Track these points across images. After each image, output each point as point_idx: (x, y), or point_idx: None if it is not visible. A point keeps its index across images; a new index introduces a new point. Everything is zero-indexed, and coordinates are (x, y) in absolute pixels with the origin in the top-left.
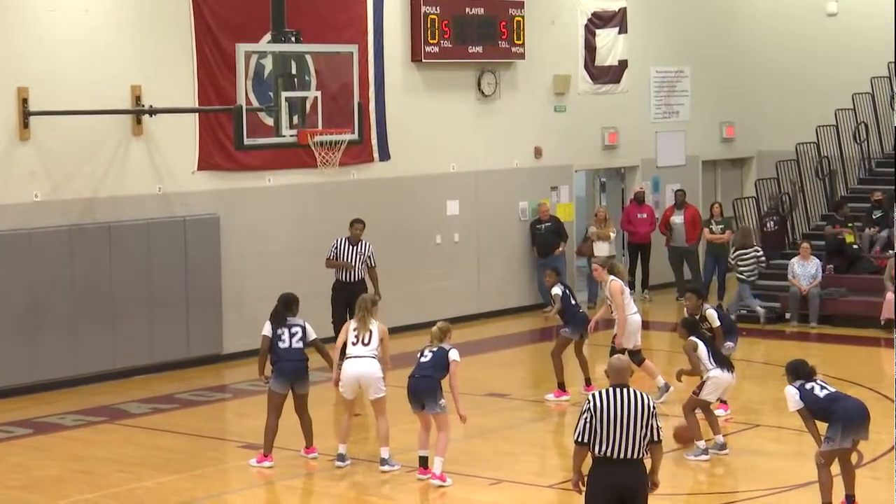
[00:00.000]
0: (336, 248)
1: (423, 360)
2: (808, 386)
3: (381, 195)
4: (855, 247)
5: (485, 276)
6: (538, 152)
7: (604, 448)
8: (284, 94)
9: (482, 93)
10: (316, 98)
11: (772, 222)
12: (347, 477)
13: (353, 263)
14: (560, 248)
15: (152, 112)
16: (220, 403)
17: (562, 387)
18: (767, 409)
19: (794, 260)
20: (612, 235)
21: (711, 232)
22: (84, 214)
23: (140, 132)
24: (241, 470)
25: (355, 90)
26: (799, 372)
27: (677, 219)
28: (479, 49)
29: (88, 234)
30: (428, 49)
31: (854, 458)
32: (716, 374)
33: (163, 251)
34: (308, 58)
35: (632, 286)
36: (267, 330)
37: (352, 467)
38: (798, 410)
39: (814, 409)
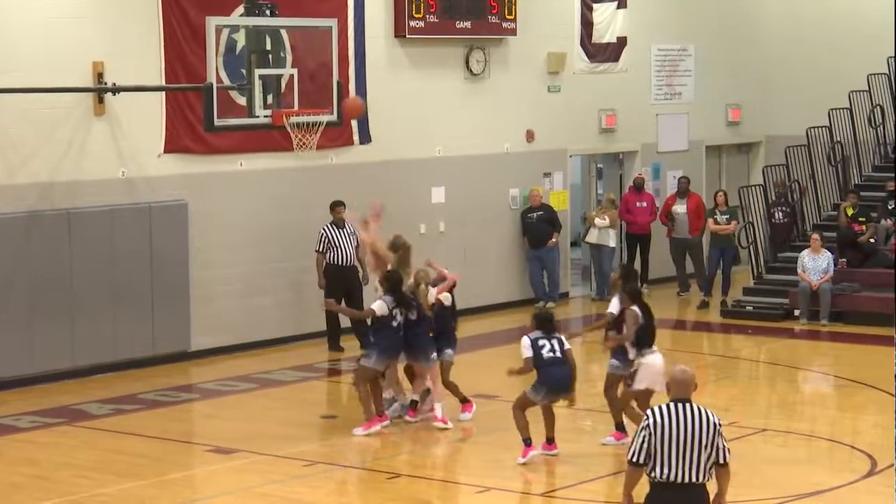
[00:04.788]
0: (325, 236)
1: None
2: (540, 343)
3: (362, 181)
4: (861, 225)
5: (472, 268)
6: (530, 136)
7: (665, 471)
8: (258, 72)
9: (470, 71)
10: (292, 76)
11: (780, 212)
12: (326, 483)
13: (345, 248)
14: (553, 239)
15: (115, 90)
16: (188, 404)
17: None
18: (774, 412)
19: (804, 253)
20: (600, 222)
21: (716, 222)
22: (41, 200)
23: (102, 112)
24: (211, 475)
25: (334, 68)
26: (544, 325)
27: (680, 208)
28: (468, 24)
29: (46, 222)
30: (412, 24)
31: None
32: (648, 360)
33: (126, 240)
34: (284, 32)
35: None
36: (383, 308)
37: (330, 472)
38: (526, 359)
39: (534, 362)
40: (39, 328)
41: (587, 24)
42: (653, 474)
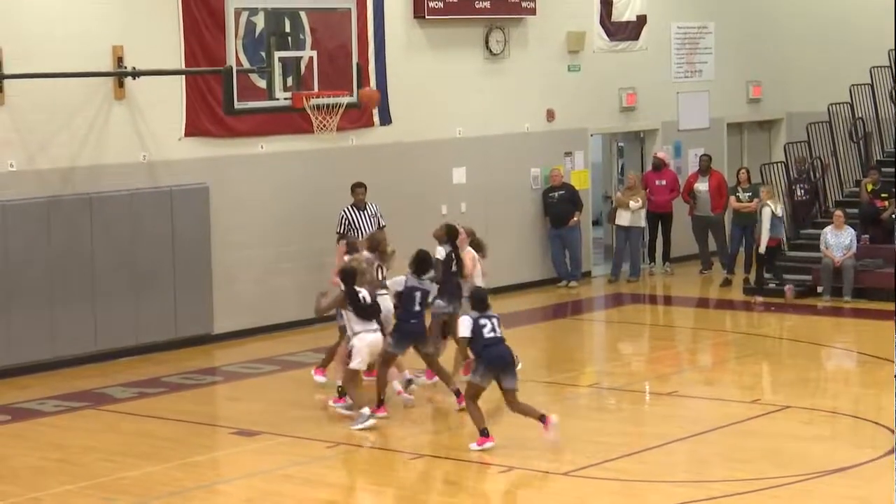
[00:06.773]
0: (346, 218)
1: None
2: (482, 322)
3: (382, 162)
4: (883, 201)
5: (494, 248)
6: (551, 115)
7: None
8: (278, 54)
9: (490, 51)
10: (311, 58)
11: (801, 189)
12: (349, 465)
13: (366, 229)
14: (575, 219)
15: (135, 74)
16: (211, 387)
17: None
18: (797, 389)
19: (827, 229)
20: (634, 205)
21: (738, 200)
22: (62, 185)
23: (122, 96)
24: (234, 458)
25: (354, 49)
26: (482, 304)
27: (702, 186)
28: (487, 4)
29: (67, 206)
30: (432, 4)
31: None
32: (358, 339)
33: (148, 224)
34: (303, 14)
35: (652, 258)
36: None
37: (353, 454)
38: (463, 337)
39: (474, 343)
40: (62, 312)
41: (606, 3)
42: None
